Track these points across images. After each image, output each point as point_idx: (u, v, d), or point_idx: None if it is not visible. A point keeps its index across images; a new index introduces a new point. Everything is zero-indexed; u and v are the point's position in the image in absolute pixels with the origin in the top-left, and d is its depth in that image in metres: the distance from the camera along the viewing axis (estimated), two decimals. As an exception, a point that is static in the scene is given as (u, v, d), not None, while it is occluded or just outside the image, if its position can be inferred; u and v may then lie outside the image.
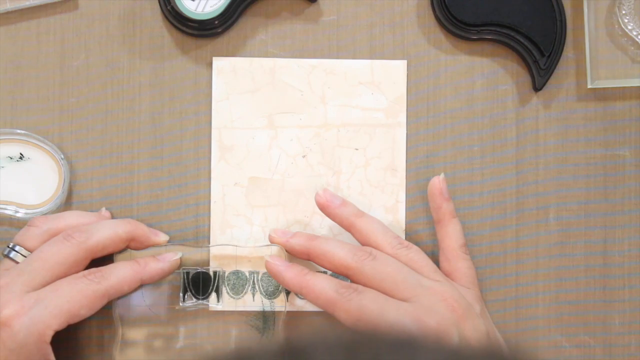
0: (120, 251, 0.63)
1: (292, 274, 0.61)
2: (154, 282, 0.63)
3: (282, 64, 0.67)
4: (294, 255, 0.63)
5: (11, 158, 0.66)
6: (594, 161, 0.67)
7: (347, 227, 0.63)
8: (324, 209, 0.64)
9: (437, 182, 0.64)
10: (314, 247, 0.62)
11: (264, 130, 0.67)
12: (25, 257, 0.61)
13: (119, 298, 0.63)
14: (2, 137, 0.66)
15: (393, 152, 0.67)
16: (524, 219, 0.67)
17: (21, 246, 0.62)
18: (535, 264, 0.67)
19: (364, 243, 0.62)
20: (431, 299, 0.58)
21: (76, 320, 0.59)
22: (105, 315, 0.64)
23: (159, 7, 0.66)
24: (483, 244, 0.67)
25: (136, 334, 0.64)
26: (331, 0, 0.67)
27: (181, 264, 0.64)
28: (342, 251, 0.61)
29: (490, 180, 0.67)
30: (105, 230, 0.62)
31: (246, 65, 0.67)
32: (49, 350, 0.58)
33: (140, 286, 0.63)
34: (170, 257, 0.64)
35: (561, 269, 0.67)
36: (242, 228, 0.66)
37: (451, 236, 0.64)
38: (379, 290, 0.59)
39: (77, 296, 0.59)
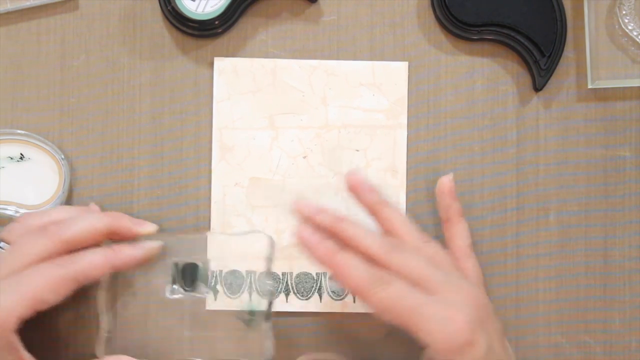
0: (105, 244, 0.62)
1: (324, 250, 0.58)
2: (129, 269, 0.62)
3: (283, 65, 0.67)
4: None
5: (11, 158, 0.66)
6: (594, 161, 0.67)
7: (372, 213, 0.62)
8: (352, 189, 0.62)
9: (447, 181, 0.64)
10: (340, 230, 0.59)
11: (264, 131, 0.67)
12: None
13: (112, 288, 0.62)
14: (2, 137, 0.66)
15: (394, 153, 0.67)
16: (524, 218, 0.67)
17: (4, 242, 0.61)
18: (535, 263, 0.67)
19: (387, 231, 0.61)
20: (457, 296, 0.58)
21: (44, 306, 0.58)
22: (90, 305, 0.64)
23: (159, 7, 0.66)
24: (483, 243, 0.67)
25: (120, 324, 0.63)
26: (331, 1, 0.67)
27: (171, 254, 0.63)
28: (369, 239, 0.59)
29: (491, 180, 0.67)
30: (82, 224, 0.60)
31: (247, 65, 0.67)
32: (14, 338, 0.57)
33: (127, 274, 0.62)
34: (148, 245, 0.62)
35: (561, 268, 0.67)
36: (242, 228, 0.66)
37: (461, 235, 0.64)
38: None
39: (40, 281, 0.57)
